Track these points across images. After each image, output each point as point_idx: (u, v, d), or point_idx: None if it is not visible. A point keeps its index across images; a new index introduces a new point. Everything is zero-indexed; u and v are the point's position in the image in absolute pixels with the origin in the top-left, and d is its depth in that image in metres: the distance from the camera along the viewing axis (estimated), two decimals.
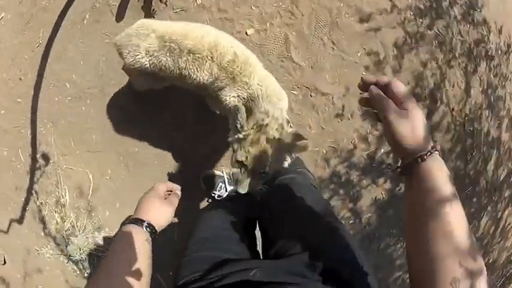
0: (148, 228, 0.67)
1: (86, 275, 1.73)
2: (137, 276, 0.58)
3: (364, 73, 1.55)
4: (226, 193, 1.46)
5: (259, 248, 0.96)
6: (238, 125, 0.89)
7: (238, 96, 1.00)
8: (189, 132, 1.54)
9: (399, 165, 0.54)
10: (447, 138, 1.79)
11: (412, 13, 1.67)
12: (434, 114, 1.73)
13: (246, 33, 1.43)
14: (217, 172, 1.52)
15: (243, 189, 0.89)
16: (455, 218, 0.47)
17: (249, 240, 0.93)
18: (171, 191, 0.80)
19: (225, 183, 1.45)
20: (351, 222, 1.60)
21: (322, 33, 1.47)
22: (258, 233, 1.02)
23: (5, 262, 1.84)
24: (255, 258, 0.86)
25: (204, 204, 1.59)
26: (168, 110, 1.52)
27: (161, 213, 0.72)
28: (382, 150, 1.61)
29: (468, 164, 1.91)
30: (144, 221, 0.68)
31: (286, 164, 0.92)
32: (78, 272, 1.72)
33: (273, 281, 0.60)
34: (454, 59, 1.76)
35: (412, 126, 0.51)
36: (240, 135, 0.89)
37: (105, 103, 1.57)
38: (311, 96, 1.48)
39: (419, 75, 1.67)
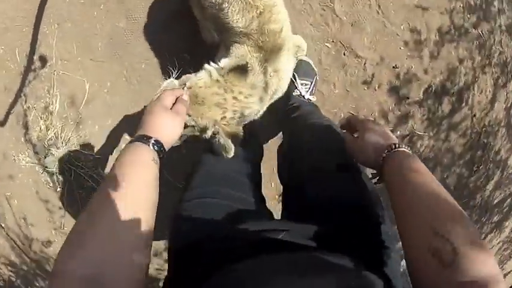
0: (155, 146, 0.56)
1: (58, 189, 1.55)
2: (139, 202, 0.47)
3: (402, 48, 1.38)
4: None
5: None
6: (220, 64, 0.75)
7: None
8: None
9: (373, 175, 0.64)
10: (461, 142, 1.68)
11: (462, 5, 1.53)
12: (456, 113, 1.62)
13: None
14: None
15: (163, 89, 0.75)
16: (421, 194, 0.49)
17: (257, 185, 0.84)
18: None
19: None
20: None
21: None
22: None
23: None
24: (262, 207, 0.77)
25: None
26: (190, 36, 1.32)
27: (168, 127, 0.61)
28: (399, 132, 1.47)
29: (472, 175, 1.80)
30: (150, 138, 0.57)
31: (207, 134, 0.77)
32: (50, 185, 1.53)
33: (301, 244, 0.53)
34: (488, 66, 1.63)
35: (361, 146, 0.63)
36: (214, 74, 0.76)
37: (120, 11, 1.38)
38: (344, 54, 1.32)
39: (453, 70, 1.54)
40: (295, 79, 1.18)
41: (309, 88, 1.20)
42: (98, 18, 1.39)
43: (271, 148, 1.39)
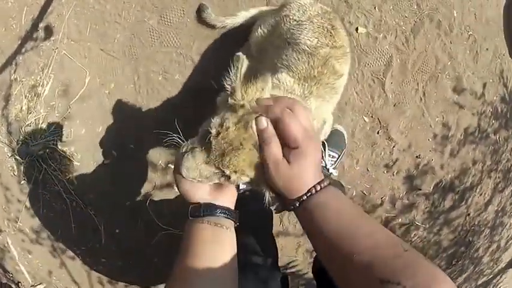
0: (203, 210, 0.54)
1: (22, 182, 1.29)
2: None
3: (430, 139, 1.30)
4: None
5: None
6: (230, 84, 0.51)
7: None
8: None
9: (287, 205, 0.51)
10: (450, 237, 1.66)
11: (491, 110, 1.50)
12: (454, 211, 1.59)
13: (357, 29, 1.12)
14: None
15: (187, 168, 0.50)
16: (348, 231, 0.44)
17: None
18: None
19: None
20: None
21: (421, 79, 1.22)
22: None
23: None
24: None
25: None
26: (224, 64, 1.12)
27: (184, 191, 0.57)
28: (400, 220, 1.41)
29: (449, 268, 1.78)
30: (189, 206, 0.55)
31: (243, 185, 0.60)
32: (15, 173, 1.29)
33: None
34: (495, 171, 1.63)
35: (292, 174, 0.46)
36: (230, 101, 0.51)
37: (155, 6, 1.17)
38: (378, 133, 1.22)
39: (465, 170, 1.51)
40: (324, 149, 1.03)
41: (335, 162, 1.06)
42: (126, 5, 1.17)
43: None
